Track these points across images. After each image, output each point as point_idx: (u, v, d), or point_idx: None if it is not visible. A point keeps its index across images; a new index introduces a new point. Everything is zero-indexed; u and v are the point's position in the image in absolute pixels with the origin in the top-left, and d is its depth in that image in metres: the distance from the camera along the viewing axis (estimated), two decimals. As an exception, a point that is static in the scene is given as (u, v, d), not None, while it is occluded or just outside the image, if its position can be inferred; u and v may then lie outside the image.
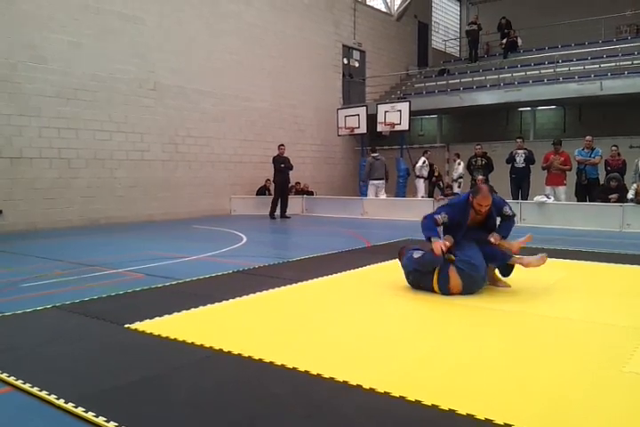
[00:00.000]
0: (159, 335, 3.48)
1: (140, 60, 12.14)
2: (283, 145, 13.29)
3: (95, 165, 11.37)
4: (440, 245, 4.38)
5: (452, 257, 4.50)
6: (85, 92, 11.18)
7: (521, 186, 12.06)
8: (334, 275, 5.57)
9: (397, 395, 2.54)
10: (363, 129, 15.07)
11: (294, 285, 5.07)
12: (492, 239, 4.64)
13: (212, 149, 13.84)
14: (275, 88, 15.50)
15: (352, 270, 5.83)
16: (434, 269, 4.49)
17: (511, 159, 12.13)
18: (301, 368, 2.87)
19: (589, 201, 11.16)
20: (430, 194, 14.19)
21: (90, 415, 2.37)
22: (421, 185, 14.50)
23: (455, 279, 4.45)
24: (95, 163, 11.37)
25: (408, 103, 14.61)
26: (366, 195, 14.72)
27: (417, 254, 4.64)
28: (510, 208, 4.83)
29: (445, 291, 4.49)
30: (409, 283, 4.79)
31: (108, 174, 11.60)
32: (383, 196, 14.02)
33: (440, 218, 4.61)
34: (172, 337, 3.43)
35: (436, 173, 14.68)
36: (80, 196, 11.10)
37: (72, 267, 6.12)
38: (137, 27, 12.05)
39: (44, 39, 10.46)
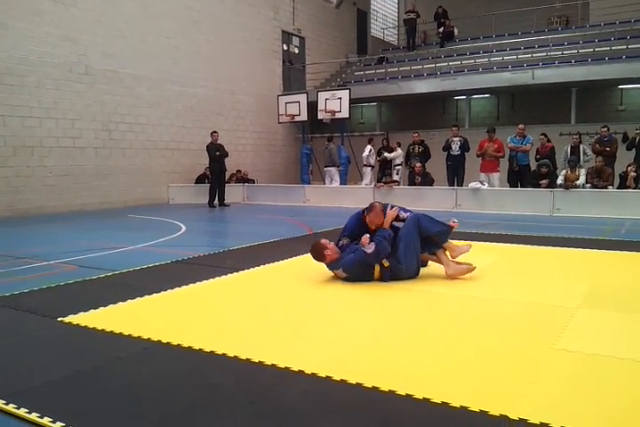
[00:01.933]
0: (94, 328, 3.38)
1: (71, 44, 11.61)
2: (215, 132, 13.04)
3: (24, 153, 10.84)
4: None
5: (386, 264, 4.58)
6: (12, 76, 10.60)
7: (457, 173, 12.38)
8: (275, 263, 5.56)
9: (339, 379, 2.57)
10: (303, 116, 15.02)
11: (234, 274, 5.03)
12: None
13: (147, 135, 13.45)
14: (213, 73, 15.20)
15: (293, 258, 5.83)
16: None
17: (447, 147, 12.42)
18: (243, 356, 2.86)
19: (521, 187, 11.58)
20: (379, 180, 13.99)
21: (22, 412, 2.28)
22: (369, 173, 14.54)
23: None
24: (24, 151, 10.84)
25: (348, 91, 14.66)
26: (308, 182, 14.75)
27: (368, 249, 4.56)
28: (405, 210, 4.85)
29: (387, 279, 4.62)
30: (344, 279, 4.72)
31: (37, 163, 11.09)
32: (335, 183, 14.00)
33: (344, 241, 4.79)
34: (108, 330, 3.33)
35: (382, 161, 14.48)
36: (8, 185, 10.57)
37: (0, 259, 5.83)
38: (67, 8, 11.49)
39: (-36, 19, 9.85)
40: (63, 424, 2.17)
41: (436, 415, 2.24)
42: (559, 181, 10.71)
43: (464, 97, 17.61)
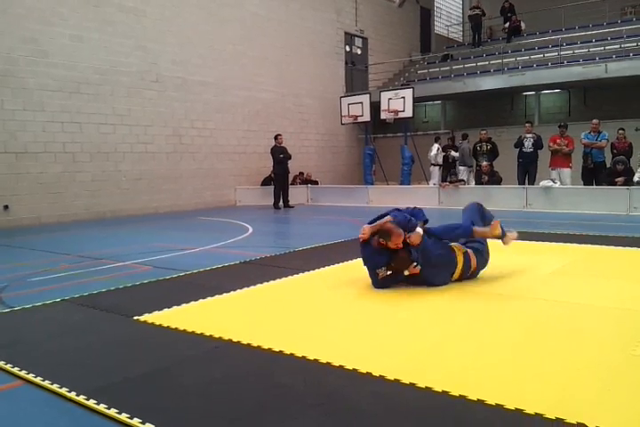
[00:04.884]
0: (168, 327, 3.49)
1: (142, 52, 12.09)
2: (280, 135, 13.26)
3: (99, 159, 11.37)
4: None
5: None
6: (88, 85, 11.15)
7: (528, 170, 11.97)
8: (341, 264, 5.56)
9: (407, 382, 2.54)
10: (366, 117, 14.97)
11: (301, 274, 5.08)
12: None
13: (215, 139, 13.81)
14: (277, 78, 15.42)
15: (358, 259, 5.80)
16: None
17: (519, 143, 12.01)
18: (310, 357, 2.88)
19: (596, 185, 11.09)
20: (444, 180, 13.67)
21: (102, 407, 2.38)
22: (436, 172, 14.28)
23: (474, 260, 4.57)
24: (99, 156, 11.37)
25: (411, 90, 14.48)
26: (371, 183, 14.66)
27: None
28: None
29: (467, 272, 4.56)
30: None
31: (112, 168, 11.61)
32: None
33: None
34: (181, 328, 3.44)
35: (451, 160, 14.27)
36: (85, 189, 11.13)
37: (79, 260, 6.14)
38: (138, 18, 11.99)
39: (46, 33, 10.42)
40: (140, 421, 2.25)
41: (509, 422, 2.17)
42: (636, 178, 10.19)
43: (533, 93, 17.04)
